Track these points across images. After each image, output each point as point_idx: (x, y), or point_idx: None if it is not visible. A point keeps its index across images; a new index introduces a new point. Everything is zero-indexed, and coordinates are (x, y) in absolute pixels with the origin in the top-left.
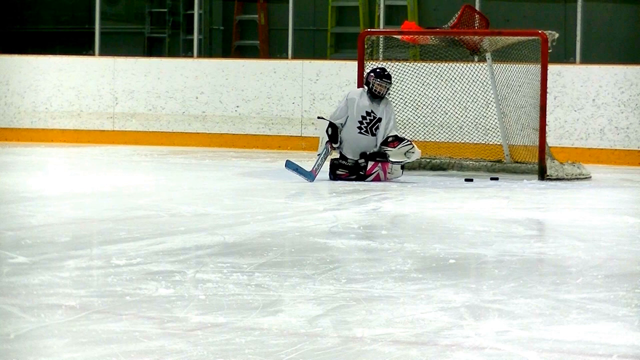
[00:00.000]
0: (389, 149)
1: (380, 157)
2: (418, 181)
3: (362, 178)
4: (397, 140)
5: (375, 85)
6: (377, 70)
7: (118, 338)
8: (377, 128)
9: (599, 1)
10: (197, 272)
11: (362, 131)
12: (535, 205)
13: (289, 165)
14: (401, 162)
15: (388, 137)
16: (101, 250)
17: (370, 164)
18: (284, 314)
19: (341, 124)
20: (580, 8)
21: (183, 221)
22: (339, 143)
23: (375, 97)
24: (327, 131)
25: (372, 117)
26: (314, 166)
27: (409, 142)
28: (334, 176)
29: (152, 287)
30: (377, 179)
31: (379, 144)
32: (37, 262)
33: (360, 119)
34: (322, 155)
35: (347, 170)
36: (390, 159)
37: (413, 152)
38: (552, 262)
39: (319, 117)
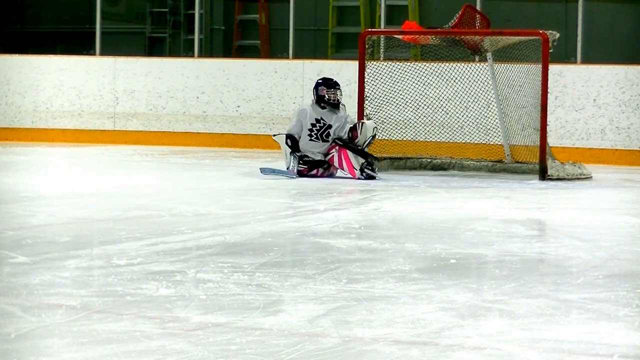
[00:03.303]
0: (354, 140)
1: (341, 141)
2: (419, 181)
3: (321, 165)
4: (355, 130)
5: (329, 95)
6: (320, 81)
7: (119, 338)
8: (328, 135)
9: (599, 1)
10: (197, 272)
11: (313, 138)
12: (536, 205)
13: (265, 171)
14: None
15: (348, 132)
16: (102, 250)
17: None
18: (285, 313)
19: (298, 135)
20: (581, 8)
21: (184, 221)
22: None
23: (330, 105)
24: (286, 143)
25: (321, 124)
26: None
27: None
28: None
29: (153, 287)
30: (332, 161)
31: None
32: (38, 261)
33: (310, 127)
34: (292, 166)
35: (307, 165)
36: (358, 142)
37: (372, 134)
38: (552, 262)
39: (274, 136)
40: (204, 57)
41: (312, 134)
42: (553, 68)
